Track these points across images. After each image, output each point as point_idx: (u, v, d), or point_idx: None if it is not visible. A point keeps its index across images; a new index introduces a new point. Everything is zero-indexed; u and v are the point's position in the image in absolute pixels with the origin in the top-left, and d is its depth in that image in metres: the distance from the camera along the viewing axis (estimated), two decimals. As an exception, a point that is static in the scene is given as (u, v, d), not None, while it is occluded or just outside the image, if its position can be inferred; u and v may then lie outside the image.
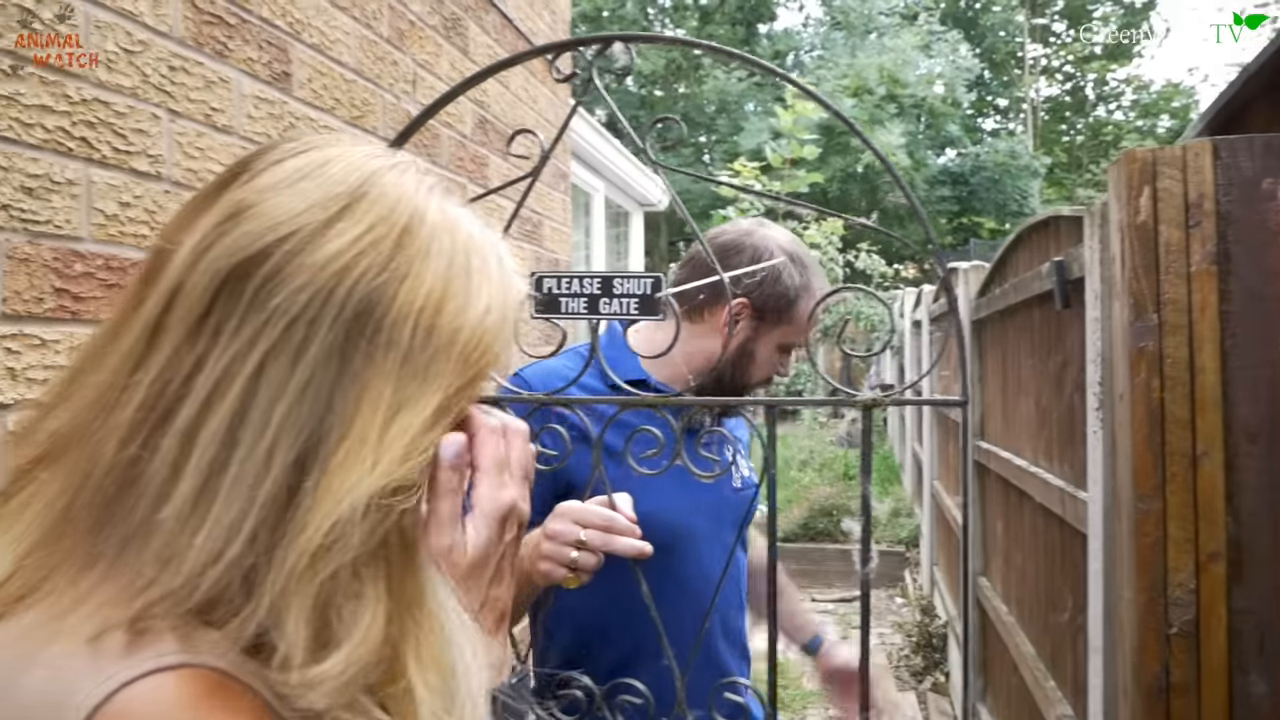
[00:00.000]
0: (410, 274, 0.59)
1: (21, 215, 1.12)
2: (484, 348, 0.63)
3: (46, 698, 0.51)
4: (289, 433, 0.56)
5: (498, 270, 0.65)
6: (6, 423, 1.10)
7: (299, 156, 0.62)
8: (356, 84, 1.87)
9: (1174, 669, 1.18)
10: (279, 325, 0.57)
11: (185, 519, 0.55)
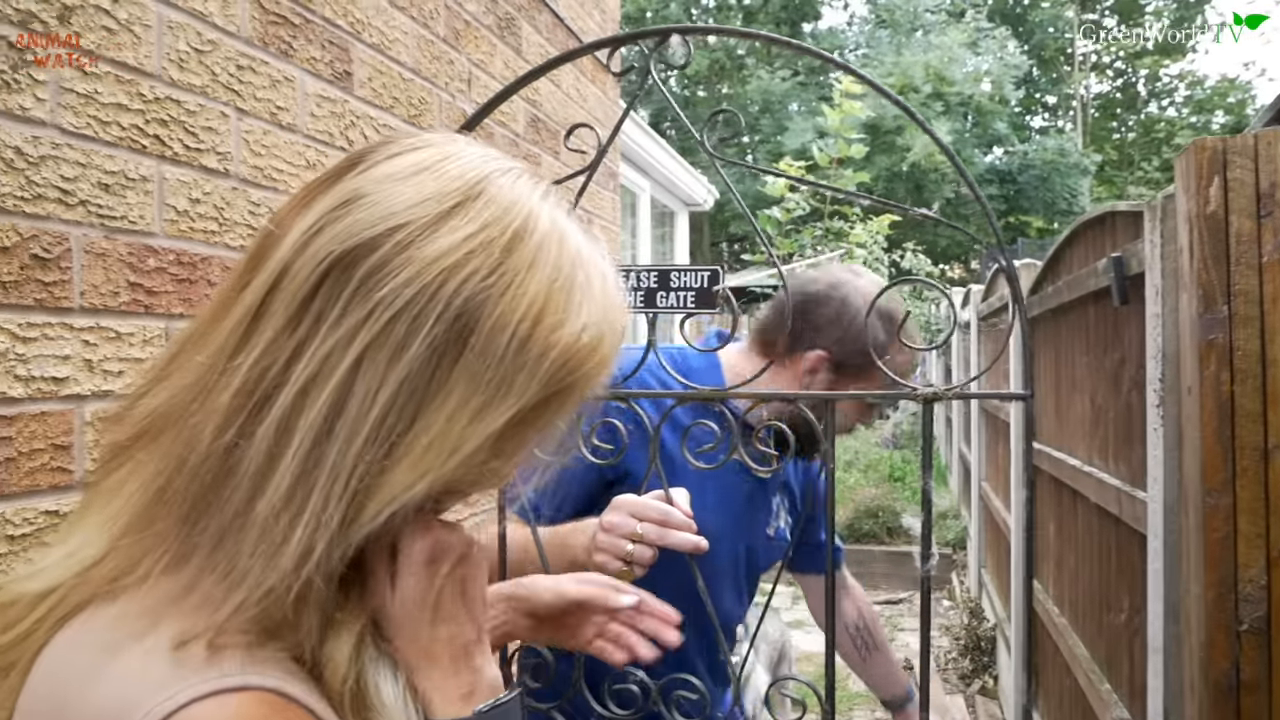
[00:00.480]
0: (515, 282, 0.58)
1: (98, 211, 1.15)
2: (572, 368, 0.61)
3: (116, 704, 0.53)
4: (381, 428, 0.56)
5: (601, 289, 0.63)
6: (84, 413, 1.14)
7: (417, 151, 0.61)
8: (414, 83, 1.90)
9: (1244, 666, 1.16)
10: (382, 318, 0.56)
11: (278, 513, 0.55)
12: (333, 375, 0.56)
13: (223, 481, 0.56)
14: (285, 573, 0.55)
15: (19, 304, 1.05)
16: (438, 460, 0.57)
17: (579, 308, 0.60)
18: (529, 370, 0.59)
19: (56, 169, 1.09)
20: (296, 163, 1.53)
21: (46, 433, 1.08)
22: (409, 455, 0.57)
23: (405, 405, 0.56)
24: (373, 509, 0.57)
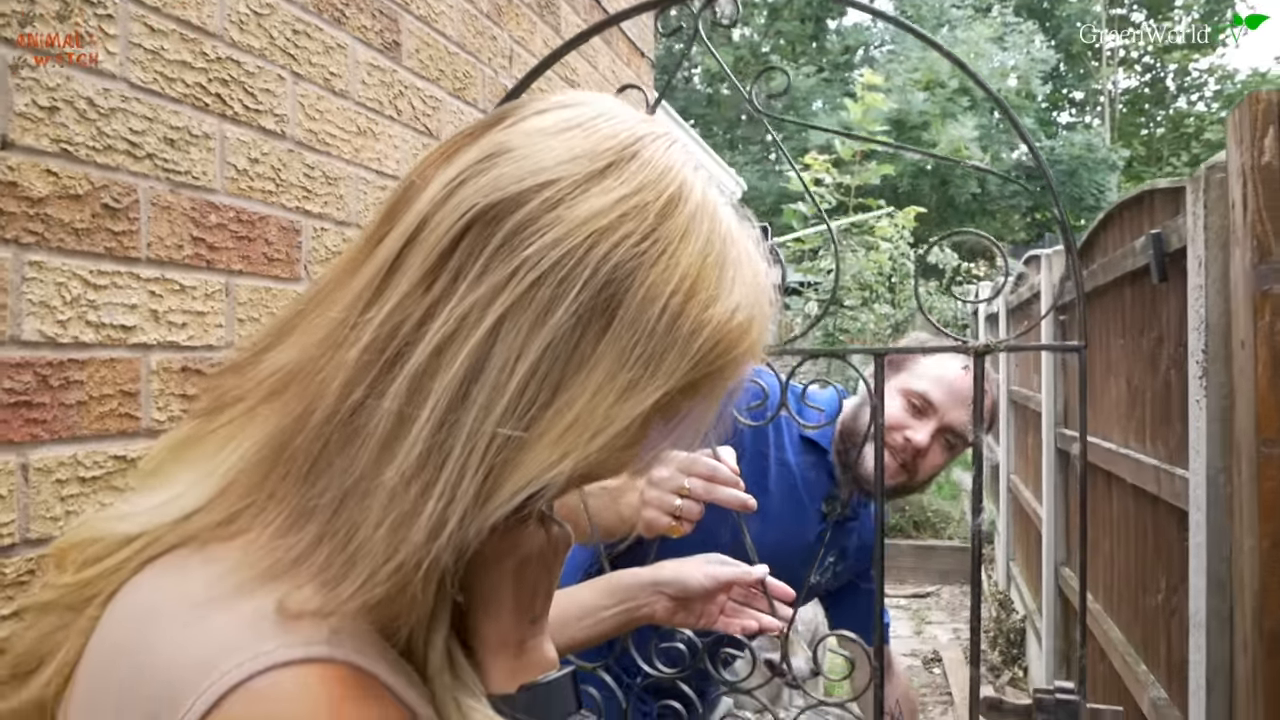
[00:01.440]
0: (668, 250, 0.54)
1: (164, 165, 1.18)
2: (723, 350, 0.56)
3: (203, 653, 0.50)
4: (521, 399, 0.52)
5: (751, 271, 0.59)
6: (150, 362, 1.17)
7: (567, 108, 0.58)
8: (459, 57, 1.92)
9: (1300, 618, 1.16)
10: (525, 280, 0.52)
11: (409, 481, 0.52)
12: (470, 337, 0.52)
13: (348, 443, 0.53)
14: (415, 546, 0.51)
15: (90, 251, 1.08)
16: (580, 440, 0.53)
17: (731, 285, 0.56)
18: (680, 348, 0.54)
19: (125, 122, 1.12)
20: (348, 128, 1.56)
21: (115, 379, 1.11)
22: (550, 432, 0.53)
23: (547, 376, 0.52)
24: (510, 488, 0.53)
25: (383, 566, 0.51)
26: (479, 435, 0.51)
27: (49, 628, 0.59)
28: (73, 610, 0.58)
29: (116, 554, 0.57)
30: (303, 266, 1.44)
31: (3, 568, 0.98)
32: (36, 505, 1.01)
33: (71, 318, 1.05)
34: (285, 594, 0.51)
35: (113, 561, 0.56)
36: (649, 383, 0.54)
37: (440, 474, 0.51)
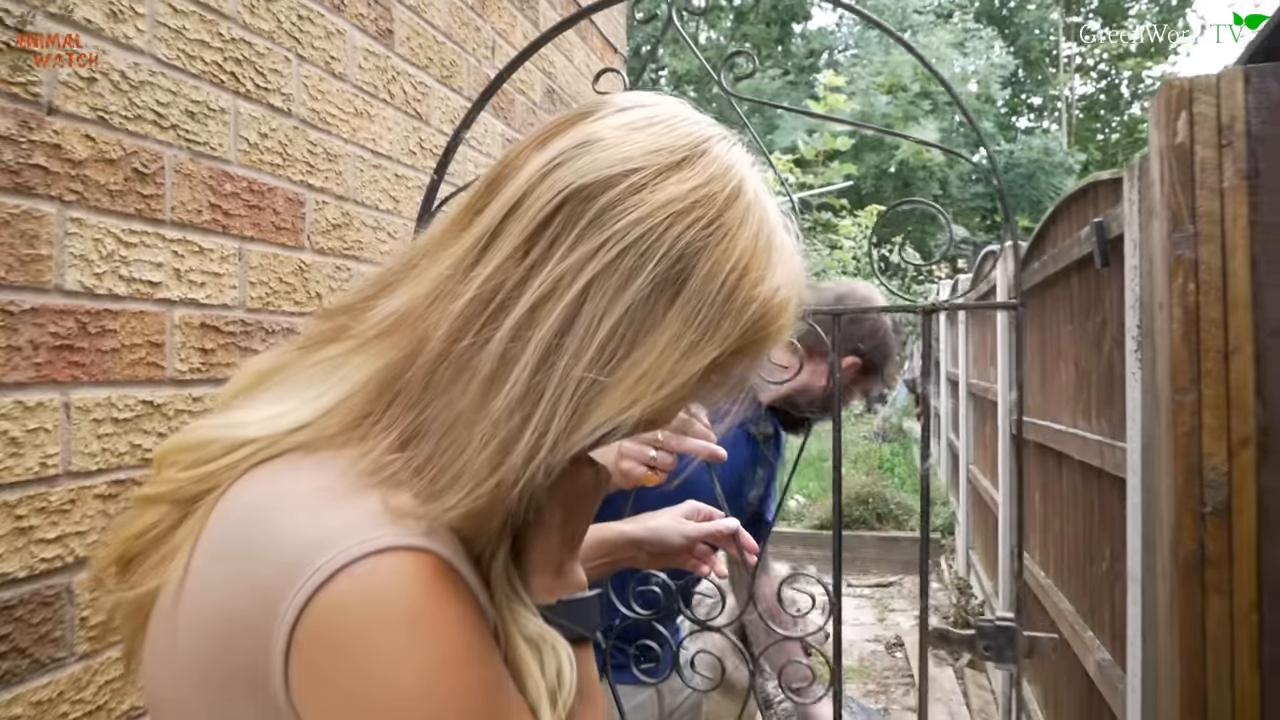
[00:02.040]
0: (729, 234, 0.64)
1: (186, 135, 1.28)
2: (766, 322, 0.66)
3: (319, 534, 0.58)
4: (604, 351, 0.61)
5: (790, 256, 0.69)
6: (174, 317, 1.26)
7: (649, 107, 0.67)
8: (446, 46, 2.03)
9: (1209, 544, 1.30)
10: (612, 251, 0.61)
11: (512, 411, 0.60)
12: (564, 296, 0.61)
13: (457, 378, 0.61)
14: (513, 468, 0.59)
15: (122, 211, 1.17)
16: (649, 389, 0.62)
17: (775, 268, 0.66)
18: (733, 317, 0.64)
19: (153, 94, 1.22)
20: (346, 109, 1.66)
21: (144, 330, 1.21)
22: (626, 380, 0.61)
23: (626, 333, 0.61)
24: (590, 424, 0.61)
25: (485, 482, 0.60)
26: (569, 379, 0.60)
27: (156, 518, 0.66)
28: (184, 503, 0.65)
29: (233, 454, 0.64)
30: (306, 236, 1.55)
31: (48, 496, 1.07)
32: (77, 441, 1.11)
33: (106, 272, 1.15)
34: (394, 496, 0.60)
35: (229, 460, 0.64)
36: (707, 345, 0.63)
37: (537, 408, 0.60)
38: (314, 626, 0.56)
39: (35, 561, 1.05)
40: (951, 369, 7.71)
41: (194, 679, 0.61)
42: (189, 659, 0.61)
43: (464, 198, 0.68)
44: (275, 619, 0.57)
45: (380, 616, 0.56)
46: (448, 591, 0.59)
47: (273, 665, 0.57)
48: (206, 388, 1.32)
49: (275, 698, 0.57)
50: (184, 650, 0.61)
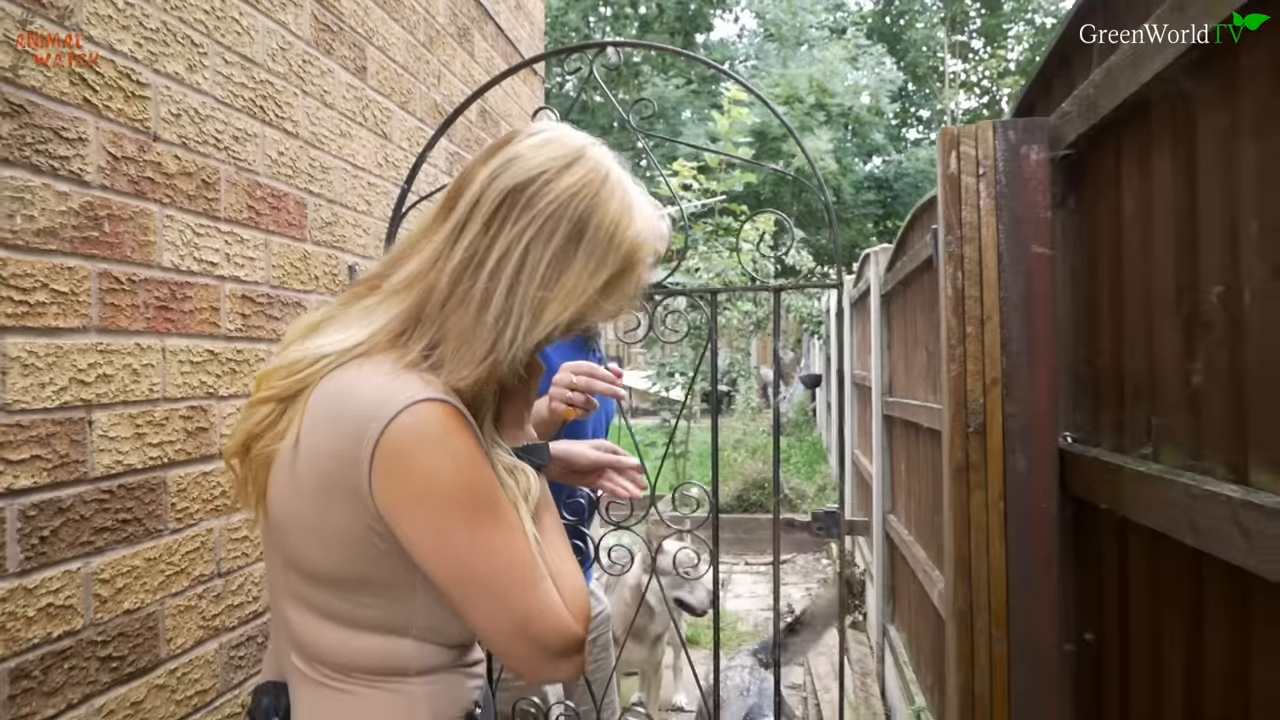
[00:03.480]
0: (605, 202, 1.01)
1: (233, 155, 1.71)
2: (633, 251, 1.03)
3: (384, 395, 0.93)
4: (546, 278, 0.98)
5: (644, 213, 1.06)
6: (224, 289, 1.69)
7: (546, 132, 1.05)
8: (404, 77, 2.48)
9: (971, 454, 1.87)
10: (539, 221, 0.98)
11: (498, 319, 0.97)
12: (515, 250, 0.98)
13: (459, 306, 0.98)
14: (503, 350, 0.97)
15: (195, 210, 1.60)
16: (574, 298, 1.00)
17: (636, 220, 1.04)
18: (615, 251, 1.02)
19: (214, 125, 1.65)
20: (334, 132, 2.10)
21: (208, 298, 1.64)
22: (559, 294, 0.99)
23: (556, 266, 0.99)
24: (544, 321, 0.99)
25: (484, 362, 0.97)
26: (527, 298, 0.99)
27: (266, 413, 1.00)
28: (287, 399, 0.99)
29: (318, 364, 0.98)
30: (308, 231, 1.98)
31: (153, 413, 1.50)
32: (170, 376, 1.54)
33: (186, 254, 1.58)
34: (426, 376, 0.96)
35: (316, 368, 0.98)
36: (602, 268, 1.02)
37: (511, 316, 0.98)
38: (386, 449, 0.91)
39: (146, 459, 1.48)
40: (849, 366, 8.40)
41: (308, 498, 0.96)
42: (305, 486, 0.95)
43: (439, 199, 1.05)
44: (361, 448, 0.91)
45: (425, 437, 0.93)
46: (462, 424, 0.95)
47: (361, 478, 0.92)
48: (244, 343, 1.75)
49: (364, 499, 0.93)
50: (301, 482, 0.96)
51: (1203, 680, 1.36)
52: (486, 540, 0.96)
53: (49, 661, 1.29)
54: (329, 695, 1.01)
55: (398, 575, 0.98)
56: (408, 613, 1.01)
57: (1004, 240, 1.86)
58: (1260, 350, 1.17)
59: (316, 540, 0.98)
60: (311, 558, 0.99)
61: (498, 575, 0.97)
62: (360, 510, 0.94)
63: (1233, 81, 1.24)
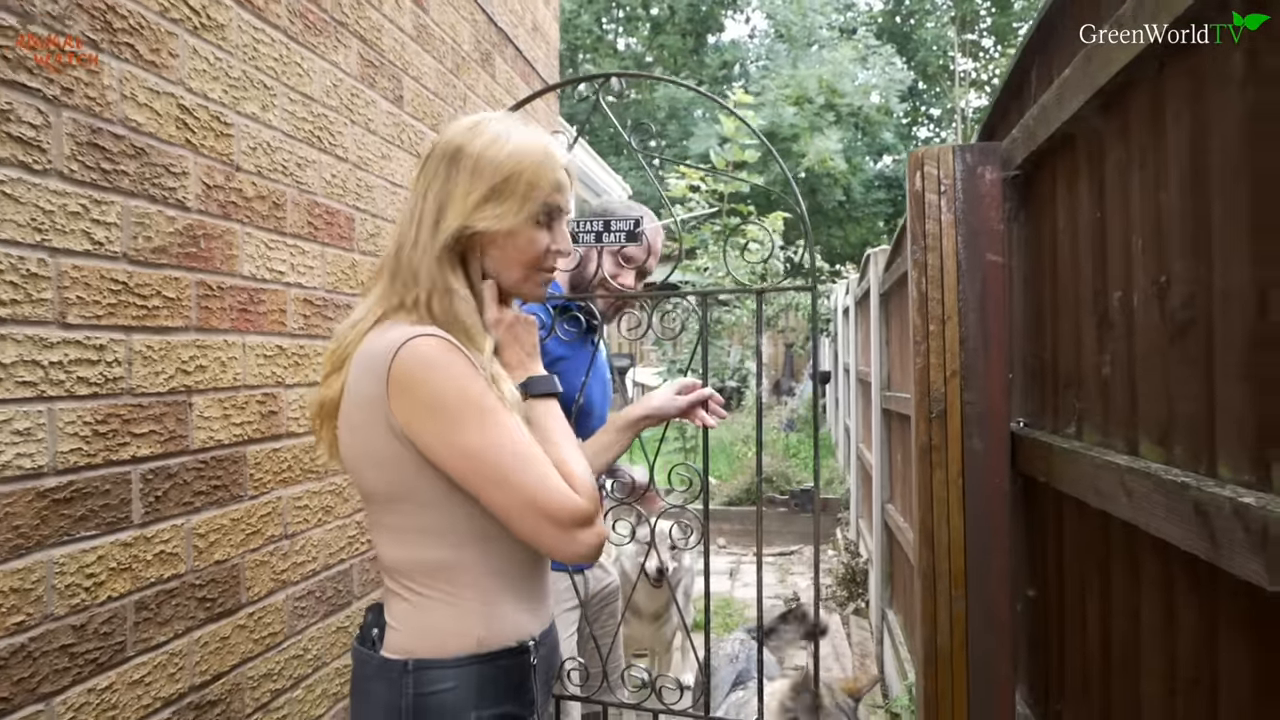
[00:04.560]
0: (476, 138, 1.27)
1: (296, 180, 2.00)
2: (510, 167, 1.26)
3: (387, 343, 1.18)
4: (436, 205, 1.26)
5: (521, 139, 1.29)
6: (290, 294, 1.98)
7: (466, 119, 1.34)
8: (435, 102, 2.76)
9: (934, 436, 2.14)
10: (433, 167, 1.28)
11: (422, 258, 1.25)
12: (425, 195, 1.28)
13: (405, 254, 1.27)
14: (433, 276, 1.25)
15: (267, 228, 1.89)
16: (460, 209, 1.25)
17: (507, 144, 1.27)
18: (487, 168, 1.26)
19: (281, 155, 1.94)
20: (376, 154, 2.39)
21: (277, 301, 1.93)
22: (450, 209, 1.25)
23: (443, 190, 1.26)
24: (441, 229, 1.25)
25: (426, 292, 1.25)
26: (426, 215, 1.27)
27: (331, 381, 1.29)
28: (339, 366, 1.28)
29: (351, 333, 1.28)
30: (355, 243, 2.27)
31: (235, 398, 1.79)
32: (249, 367, 1.83)
33: (261, 265, 1.87)
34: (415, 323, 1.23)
35: (352, 336, 1.28)
36: (477, 183, 1.26)
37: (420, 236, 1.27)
38: (395, 378, 1.16)
39: (231, 436, 1.77)
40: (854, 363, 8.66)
41: (358, 434, 1.22)
42: (354, 424, 1.22)
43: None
44: (380, 383, 1.17)
45: (419, 361, 1.16)
46: (448, 347, 1.18)
47: (384, 405, 1.17)
48: (305, 340, 2.04)
49: (391, 422, 1.17)
50: (351, 421, 1.23)
51: (1111, 620, 1.63)
52: (483, 435, 1.16)
53: (161, 598, 1.58)
54: (400, 602, 1.25)
55: (432, 485, 1.19)
56: (450, 519, 1.22)
57: (962, 250, 2.13)
58: (1144, 346, 1.45)
59: (369, 466, 1.22)
60: (371, 481, 1.22)
61: (500, 463, 1.16)
62: (390, 433, 1.18)
63: (1125, 123, 1.52)
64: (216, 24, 1.73)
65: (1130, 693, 1.53)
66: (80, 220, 1.41)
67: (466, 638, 1.22)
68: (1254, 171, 1.12)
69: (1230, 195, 1.18)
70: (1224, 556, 1.10)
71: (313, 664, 2.06)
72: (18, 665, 1.30)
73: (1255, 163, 1.12)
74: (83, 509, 1.42)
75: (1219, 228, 1.20)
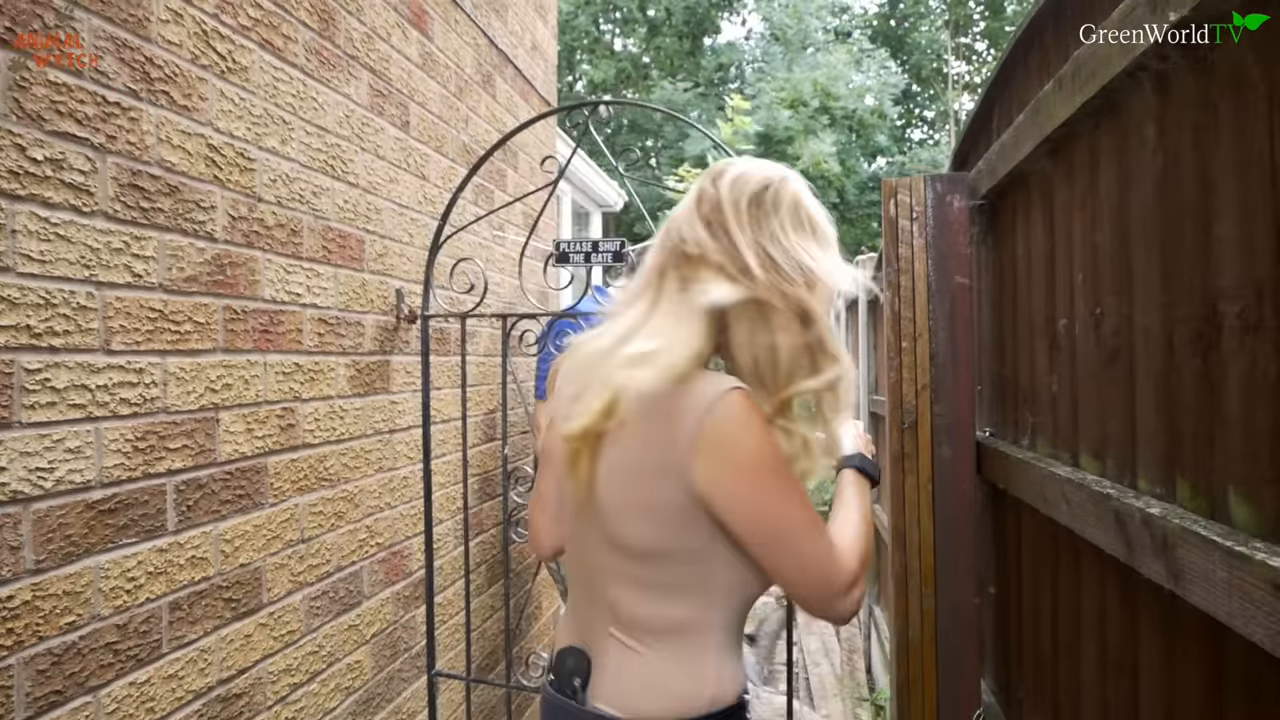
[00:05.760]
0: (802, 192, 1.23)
1: (312, 206, 2.15)
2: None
3: (697, 396, 1.10)
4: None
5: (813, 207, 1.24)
6: (307, 315, 2.13)
7: (741, 164, 1.26)
8: (439, 125, 2.91)
9: (906, 445, 2.29)
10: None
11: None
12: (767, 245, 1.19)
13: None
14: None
15: (285, 254, 2.04)
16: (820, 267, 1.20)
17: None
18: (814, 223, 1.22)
19: (299, 185, 2.09)
20: (384, 179, 2.54)
21: (295, 322, 2.08)
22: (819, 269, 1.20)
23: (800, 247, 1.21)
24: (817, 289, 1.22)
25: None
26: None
27: (604, 407, 1.15)
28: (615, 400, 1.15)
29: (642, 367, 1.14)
30: (365, 264, 2.42)
31: (258, 413, 1.94)
32: (269, 385, 1.98)
33: (280, 288, 2.02)
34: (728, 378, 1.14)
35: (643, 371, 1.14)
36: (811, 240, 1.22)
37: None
38: (709, 432, 1.09)
39: (254, 448, 1.92)
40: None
41: (635, 481, 1.14)
42: (633, 471, 1.14)
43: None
44: (689, 433, 1.09)
45: (736, 420, 1.10)
46: (756, 409, 1.12)
47: (683, 458, 1.10)
48: (320, 356, 2.19)
49: (684, 476, 1.10)
50: (630, 468, 1.14)
51: (1059, 615, 1.79)
52: (786, 498, 1.12)
53: (192, 599, 1.73)
54: (629, 655, 1.21)
55: (701, 543, 1.15)
56: (707, 577, 1.18)
57: (933, 272, 2.29)
58: (1084, 369, 1.60)
59: (637, 515, 1.15)
60: (634, 535, 1.16)
61: (797, 529, 1.12)
62: (678, 487, 1.12)
63: (1070, 168, 1.68)
64: (241, 67, 1.88)
65: (1073, 678, 1.69)
66: (122, 255, 1.56)
67: (699, 699, 1.20)
68: (1163, 226, 1.28)
69: (1146, 244, 1.34)
70: (1137, 559, 1.26)
71: (327, 659, 2.21)
72: (70, 661, 1.45)
73: (1164, 219, 1.28)
74: (125, 519, 1.57)
75: (1139, 271, 1.35)
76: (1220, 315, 1.09)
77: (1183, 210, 1.19)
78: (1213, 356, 1.11)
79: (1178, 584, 1.12)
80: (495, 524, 3.45)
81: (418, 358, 2.72)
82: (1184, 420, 1.20)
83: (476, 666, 3.23)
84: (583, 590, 1.29)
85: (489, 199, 3.41)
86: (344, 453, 2.31)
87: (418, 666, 2.73)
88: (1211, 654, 1.14)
